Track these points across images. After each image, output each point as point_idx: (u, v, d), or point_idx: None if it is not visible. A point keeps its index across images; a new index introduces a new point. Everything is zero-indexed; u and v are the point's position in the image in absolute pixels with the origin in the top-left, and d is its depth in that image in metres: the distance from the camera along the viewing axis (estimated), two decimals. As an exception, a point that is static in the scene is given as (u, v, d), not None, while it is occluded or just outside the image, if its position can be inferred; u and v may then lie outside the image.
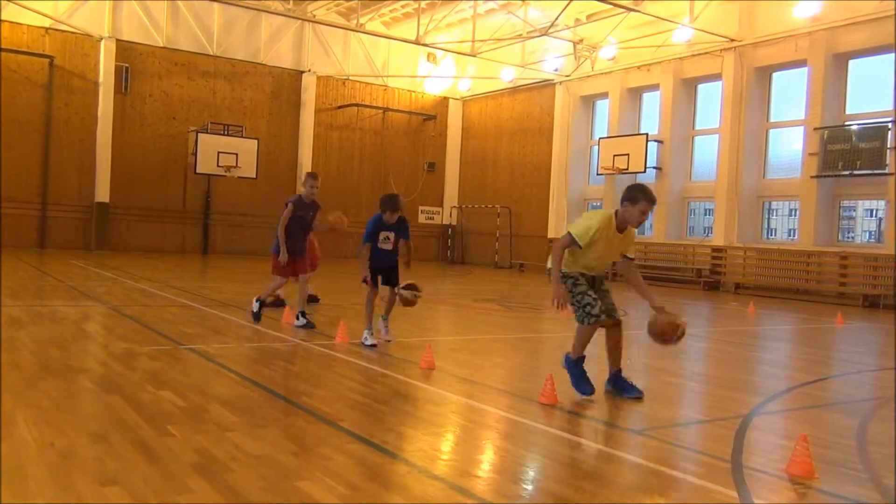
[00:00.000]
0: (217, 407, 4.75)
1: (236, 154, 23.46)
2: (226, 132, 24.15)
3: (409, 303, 7.68)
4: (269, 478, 3.45)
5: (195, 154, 23.13)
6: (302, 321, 8.50)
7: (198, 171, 23.18)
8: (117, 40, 22.70)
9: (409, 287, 7.59)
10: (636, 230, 5.72)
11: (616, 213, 5.56)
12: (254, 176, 23.95)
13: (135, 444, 3.86)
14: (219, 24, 24.41)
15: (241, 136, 24.29)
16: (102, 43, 22.51)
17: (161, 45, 23.57)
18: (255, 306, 8.81)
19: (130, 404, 4.70)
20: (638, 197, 5.44)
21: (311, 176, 8.81)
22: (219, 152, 23.21)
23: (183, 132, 23.99)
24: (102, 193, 22.61)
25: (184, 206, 24.16)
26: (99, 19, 22.51)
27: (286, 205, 8.66)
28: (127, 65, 22.99)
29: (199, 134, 23.29)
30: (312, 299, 10.61)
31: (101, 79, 22.52)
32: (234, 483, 3.35)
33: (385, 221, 7.52)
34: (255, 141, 24.17)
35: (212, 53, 24.37)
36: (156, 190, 23.61)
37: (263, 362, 6.47)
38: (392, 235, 7.57)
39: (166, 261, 19.88)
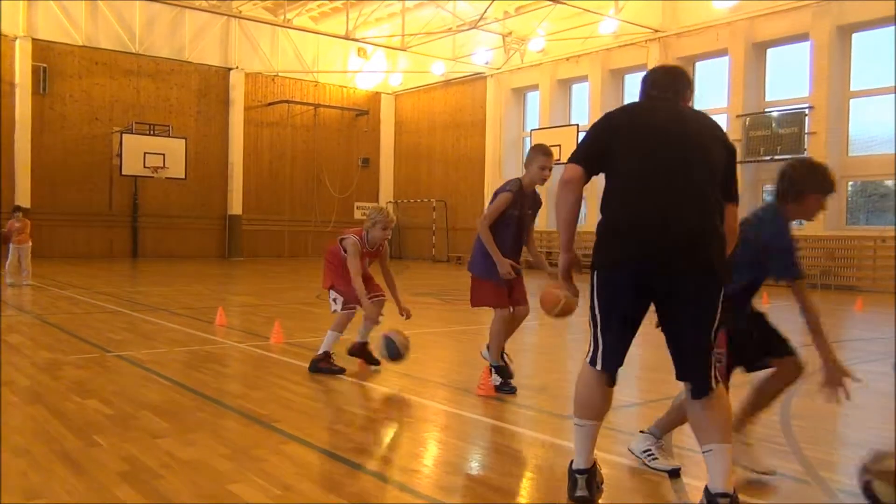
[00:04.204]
0: (146, 413, 4.62)
1: (163, 154, 22.83)
2: (152, 132, 23.49)
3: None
4: (200, 483, 3.37)
5: (120, 155, 22.42)
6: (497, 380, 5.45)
7: (124, 172, 22.49)
8: (33, 39, 21.82)
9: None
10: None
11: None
12: (183, 176, 23.37)
13: (59, 455, 3.73)
14: (140, 21, 23.68)
15: (168, 136, 23.66)
16: (17, 42, 21.60)
17: (80, 43, 22.76)
18: (495, 378, 5.43)
19: (55, 415, 4.54)
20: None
21: (543, 151, 5.45)
22: (145, 153, 22.55)
23: (107, 133, 23.24)
24: (23, 199, 21.64)
25: (110, 209, 23.42)
26: (13, 18, 21.56)
27: (495, 194, 5.48)
28: (44, 65, 22.12)
29: (124, 135, 22.58)
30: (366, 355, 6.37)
31: (17, 80, 21.58)
32: (164, 490, 3.27)
33: None
34: (183, 140, 23.58)
35: (134, 51, 23.63)
36: (80, 193, 22.81)
37: (195, 366, 6.33)
38: None
39: (94, 266, 19.25)
